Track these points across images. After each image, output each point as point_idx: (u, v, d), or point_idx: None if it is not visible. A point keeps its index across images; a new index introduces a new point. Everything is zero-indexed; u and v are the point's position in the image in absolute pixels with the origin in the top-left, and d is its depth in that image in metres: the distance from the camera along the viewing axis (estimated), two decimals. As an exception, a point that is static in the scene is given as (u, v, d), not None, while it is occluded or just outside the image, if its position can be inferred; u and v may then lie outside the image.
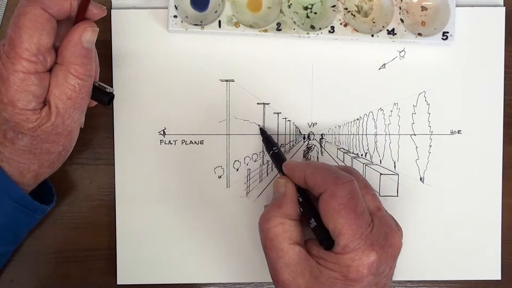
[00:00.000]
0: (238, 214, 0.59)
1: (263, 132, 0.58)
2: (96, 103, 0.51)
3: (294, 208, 0.50)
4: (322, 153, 0.59)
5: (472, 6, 0.59)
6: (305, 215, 0.49)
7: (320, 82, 0.58)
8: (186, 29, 0.55)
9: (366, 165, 0.59)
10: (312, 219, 0.48)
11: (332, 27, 0.56)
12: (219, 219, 0.58)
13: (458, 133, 0.59)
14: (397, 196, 0.59)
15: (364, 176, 0.58)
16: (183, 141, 0.58)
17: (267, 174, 0.59)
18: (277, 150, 0.55)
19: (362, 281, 0.46)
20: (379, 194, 0.59)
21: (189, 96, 0.58)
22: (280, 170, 0.53)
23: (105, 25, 0.56)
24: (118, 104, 0.57)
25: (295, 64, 0.58)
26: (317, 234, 0.48)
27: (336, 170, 0.49)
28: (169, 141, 0.58)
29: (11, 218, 0.49)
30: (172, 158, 0.58)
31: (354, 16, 0.57)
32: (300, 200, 0.50)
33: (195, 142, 0.58)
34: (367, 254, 0.46)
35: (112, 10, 0.57)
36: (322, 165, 0.50)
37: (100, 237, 0.58)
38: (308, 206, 0.50)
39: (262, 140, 0.58)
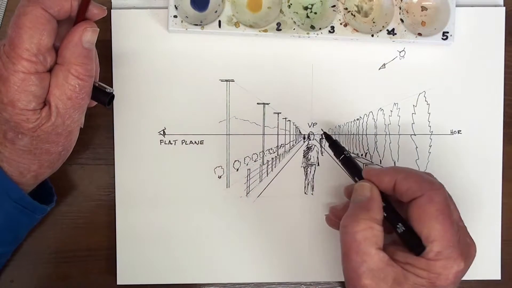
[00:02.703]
0: (238, 214, 0.59)
1: (328, 137, 0.56)
2: (96, 103, 0.51)
3: (381, 213, 0.49)
4: (322, 153, 0.59)
5: (472, 6, 0.59)
6: (389, 220, 0.49)
7: (320, 82, 0.58)
8: (186, 29, 0.55)
9: (366, 165, 0.59)
10: (400, 224, 0.48)
11: (332, 27, 0.56)
12: (219, 219, 0.58)
13: (458, 133, 0.59)
14: (397, 196, 0.59)
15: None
16: (183, 141, 0.58)
17: (267, 174, 0.59)
18: (348, 155, 0.54)
19: None
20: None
21: (189, 96, 0.58)
22: (353, 174, 0.52)
23: (105, 25, 0.56)
24: (118, 104, 0.57)
25: (295, 64, 0.58)
26: (407, 239, 0.48)
27: (427, 175, 0.49)
28: (169, 141, 0.58)
29: (11, 218, 0.49)
30: (172, 158, 0.58)
31: (354, 16, 0.57)
32: (384, 205, 0.49)
33: (195, 142, 0.58)
34: (458, 263, 0.46)
35: (112, 10, 0.57)
36: (413, 170, 0.50)
37: (100, 237, 0.58)
38: (394, 211, 0.49)
39: (329, 145, 0.56)
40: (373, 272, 0.46)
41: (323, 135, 0.58)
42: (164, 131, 0.58)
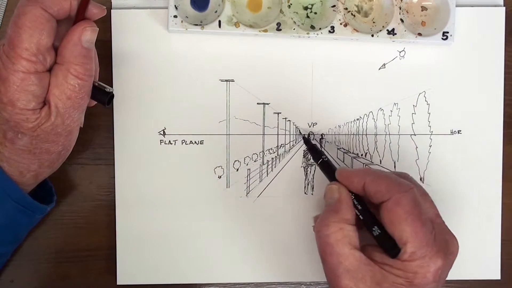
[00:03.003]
0: (238, 214, 0.59)
1: (307, 141, 0.57)
2: (96, 102, 0.51)
3: (350, 213, 0.49)
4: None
5: (472, 6, 0.59)
6: (365, 222, 0.49)
7: (320, 82, 0.58)
8: (186, 29, 0.55)
9: (366, 165, 0.59)
10: (376, 227, 0.48)
11: (332, 27, 0.56)
12: (219, 219, 0.58)
13: (458, 133, 0.59)
14: (397, 196, 0.59)
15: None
16: (183, 141, 0.58)
17: (267, 174, 0.59)
18: (326, 159, 0.54)
19: (426, 287, 0.46)
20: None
21: (189, 96, 0.58)
22: (332, 178, 0.52)
23: (105, 25, 0.56)
24: (118, 104, 0.57)
25: (295, 64, 0.58)
26: (382, 242, 0.48)
27: (396, 177, 0.49)
28: (169, 141, 0.58)
29: (11, 218, 0.49)
30: (172, 158, 0.58)
31: (354, 16, 0.57)
32: (359, 207, 0.50)
33: (195, 142, 0.58)
34: (434, 261, 0.46)
35: (112, 10, 0.57)
36: (382, 172, 0.50)
37: (100, 237, 0.58)
38: (368, 213, 0.49)
39: (308, 149, 0.57)
40: (350, 272, 0.47)
41: (303, 140, 0.58)
42: (164, 131, 0.58)
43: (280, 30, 0.56)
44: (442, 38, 0.57)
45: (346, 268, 0.47)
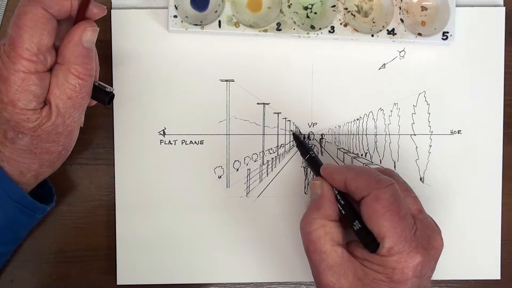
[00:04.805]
0: (238, 214, 0.59)
1: (296, 137, 0.58)
2: (96, 102, 0.51)
3: (332, 209, 0.50)
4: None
5: (472, 6, 0.59)
6: (347, 218, 0.50)
7: (320, 82, 0.58)
8: (186, 29, 0.55)
9: (366, 165, 0.59)
10: (356, 222, 0.49)
11: (332, 27, 0.56)
12: (219, 219, 0.58)
13: (458, 133, 0.59)
14: (397, 196, 0.59)
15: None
16: (183, 141, 0.58)
17: (267, 174, 0.59)
18: (313, 155, 0.55)
19: (406, 283, 0.46)
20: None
21: (189, 96, 0.58)
22: (318, 174, 0.53)
23: (105, 25, 0.56)
24: (118, 104, 0.57)
25: (295, 64, 0.58)
26: (362, 237, 0.48)
27: (377, 173, 0.49)
28: (169, 141, 0.58)
29: (11, 218, 0.49)
30: (172, 158, 0.58)
31: (354, 16, 0.57)
32: (342, 203, 0.50)
33: (195, 142, 0.58)
34: (412, 257, 0.46)
35: (112, 10, 0.57)
36: (363, 169, 0.51)
37: (100, 237, 0.58)
38: (350, 209, 0.50)
39: (296, 145, 0.58)
40: (333, 268, 0.47)
41: (292, 136, 0.58)
42: (164, 131, 0.58)
43: (280, 30, 0.56)
44: (442, 38, 0.57)
45: (329, 265, 0.48)
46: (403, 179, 0.52)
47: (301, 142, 0.57)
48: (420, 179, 0.59)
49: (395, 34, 0.57)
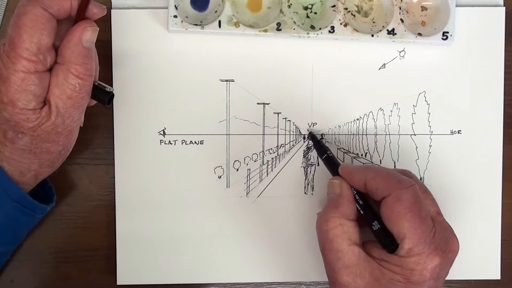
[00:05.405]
0: (238, 214, 0.59)
1: (313, 137, 0.58)
2: (96, 102, 0.51)
3: (351, 208, 0.50)
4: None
5: (472, 6, 0.59)
6: (365, 218, 0.49)
7: (320, 82, 0.58)
8: (186, 29, 0.55)
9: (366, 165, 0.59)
10: (375, 222, 0.48)
11: (332, 27, 0.56)
12: (219, 219, 0.58)
13: (458, 133, 0.59)
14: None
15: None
16: (183, 141, 0.58)
17: (267, 174, 0.59)
18: (331, 154, 0.55)
19: (424, 285, 0.46)
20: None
21: (189, 96, 0.58)
22: (335, 174, 0.53)
23: (105, 25, 0.56)
24: (118, 104, 0.57)
25: (295, 64, 0.58)
26: (381, 237, 0.48)
27: (397, 174, 0.49)
28: (169, 141, 0.58)
29: (11, 218, 0.49)
30: (172, 158, 0.58)
31: (354, 16, 0.57)
32: (361, 202, 0.50)
33: (195, 142, 0.58)
34: (431, 259, 0.46)
35: (112, 10, 0.57)
36: (383, 169, 0.51)
37: (100, 237, 0.58)
38: (369, 209, 0.50)
39: (313, 145, 0.58)
40: (349, 268, 0.47)
41: (309, 136, 0.58)
42: (164, 131, 0.58)
43: (280, 30, 0.56)
44: (442, 38, 0.57)
45: (345, 264, 0.47)
46: (421, 181, 0.52)
47: (318, 142, 0.57)
48: (420, 179, 0.59)
49: (395, 34, 0.57)
